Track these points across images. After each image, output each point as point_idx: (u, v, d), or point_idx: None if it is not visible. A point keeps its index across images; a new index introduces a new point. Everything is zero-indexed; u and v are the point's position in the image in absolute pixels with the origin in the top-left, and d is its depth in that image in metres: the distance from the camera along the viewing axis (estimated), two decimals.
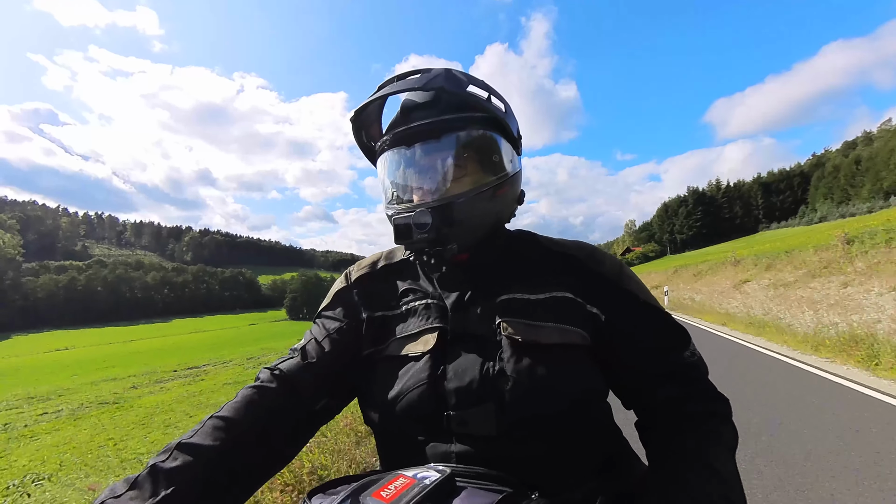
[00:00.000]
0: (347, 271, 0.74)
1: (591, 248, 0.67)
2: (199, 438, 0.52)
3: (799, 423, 3.34)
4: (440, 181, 0.60)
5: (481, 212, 0.61)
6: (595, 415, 0.60)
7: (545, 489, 0.50)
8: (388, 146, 0.63)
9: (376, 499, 0.41)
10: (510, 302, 0.60)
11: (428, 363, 0.58)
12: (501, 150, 0.63)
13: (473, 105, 0.61)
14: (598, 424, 0.61)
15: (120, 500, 0.46)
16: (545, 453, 0.55)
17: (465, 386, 0.55)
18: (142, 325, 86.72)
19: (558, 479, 0.55)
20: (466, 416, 0.54)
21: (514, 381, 0.54)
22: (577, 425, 0.56)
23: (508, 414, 0.53)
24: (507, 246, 0.68)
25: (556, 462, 0.55)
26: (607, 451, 0.62)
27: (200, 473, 0.49)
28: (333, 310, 0.69)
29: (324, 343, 0.64)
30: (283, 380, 0.60)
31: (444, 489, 0.43)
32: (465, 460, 0.54)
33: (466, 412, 0.54)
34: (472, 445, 0.54)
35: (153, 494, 0.46)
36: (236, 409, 0.55)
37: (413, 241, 0.59)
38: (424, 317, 0.63)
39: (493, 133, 0.62)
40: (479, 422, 0.54)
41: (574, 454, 0.56)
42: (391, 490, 0.42)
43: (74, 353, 42.08)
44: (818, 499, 2.26)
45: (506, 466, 0.52)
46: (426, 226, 0.57)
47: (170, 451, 0.50)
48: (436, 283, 0.66)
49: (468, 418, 0.54)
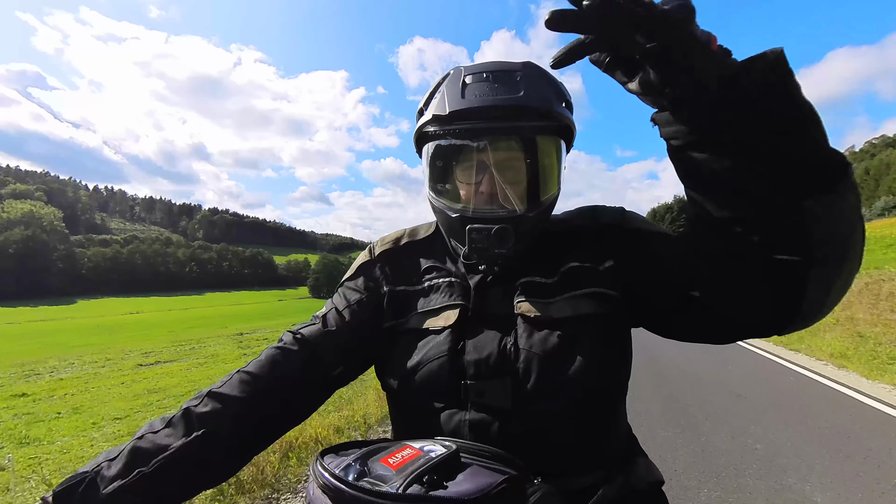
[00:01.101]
0: (371, 245, 0.75)
1: (590, 209, 0.68)
2: (228, 389, 0.57)
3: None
4: (517, 193, 0.59)
5: (541, 225, 0.63)
6: (611, 400, 0.61)
7: (551, 471, 0.52)
8: (460, 136, 0.59)
9: (384, 464, 0.44)
10: (529, 284, 0.62)
11: (449, 337, 0.59)
12: (564, 159, 0.63)
13: (552, 113, 0.59)
14: (613, 413, 0.61)
15: (158, 434, 0.53)
16: (557, 432, 0.55)
17: (484, 359, 0.57)
18: (179, 296, 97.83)
19: (566, 462, 0.55)
20: (483, 386, 0.56)
21: (526, 355, 0.56)
22: (591, 404, 0.57)
23: (523, 387, 0.55)
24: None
25: (567, 444, 0.56)
26: (616, 443, 0.62)
27: (227, 421, 0.55)
28: (355, 281, 0.71)
29: (344, 313, 0.66)
30: (304, 344, 0.63)
31: (449, 464, 0.45)
32: (479, 429, 0.55)
33: (484, 382, 0.56)
34: (487, 416, 0.55)
35: (186, 434, 0.53)
36: (261, 366, 0.60)
37: (488, 254, 0.59)
38: (447, 293, 0.64)
39: (563, 142, 0.62)
40: (495, 393, 0.55)
41: (585, 437, 0.57)
42: (398, 458, 0.44)
43: (147, 316, 48.97)
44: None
45: (516, 443, 0.53)
46: (507, 245, 0.58)
47: (202, 398, 0.56)
48: (460, 262, 0.67)
49: (485, 388, 0.56)
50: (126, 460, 0.50)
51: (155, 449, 0.51)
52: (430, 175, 0.65)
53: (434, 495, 0.39)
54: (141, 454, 0.51)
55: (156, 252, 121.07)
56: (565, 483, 0.52)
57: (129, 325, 33.21)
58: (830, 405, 3.92)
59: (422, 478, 0.41)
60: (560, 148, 0.61)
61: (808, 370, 5.18)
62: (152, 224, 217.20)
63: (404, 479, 0.41)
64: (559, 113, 0.59)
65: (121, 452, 0.51)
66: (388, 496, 0.39)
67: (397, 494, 0.39)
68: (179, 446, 0.52)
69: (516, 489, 0.44)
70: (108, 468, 0.50)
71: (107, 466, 0.50)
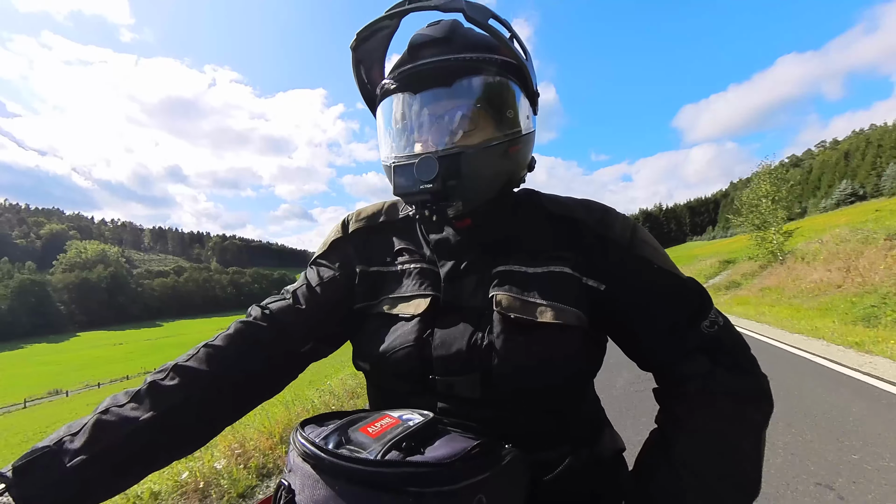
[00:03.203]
0: (346, 220, 0.71)
1: (601, 210, 0.62)
2: (194, 363, 0.56)
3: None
4: (449, 131, 0.54)
5: (491, 169, 0.56)
6: (579, 391, 0.61)
7: (521, 448, 0.50)
8: (392, 90, 0.57)
9: (363, 433, 0.44)
10: (506, 274, 0.58)
11: (416, 326, 0.57)
12: (518, 103, 0.57)
13: (492, 46, 0.56)
14: (581, 397, 0.61)
15: (123, 408, 0.51)
16: (527, 423, 0.55)
17: (452, 355, 0.55)
18: (229, 315, 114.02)
19: (533, 441, 0.55)
20: (452, 381, 0.55)
21: (501, 357, 0.53)
22: (562, 400, 0.57)
23: (493, 387, 0.54)
24: (511, 212, 0.64)
25: (536, 431, 0.56)
26: (584, 420, 0.62)
27: (193, 394, 0.54)
28: (328, 258, 0.68)
29: (316, 289, 0.65)
30: (271, 319, 0.62)
31: (427, 431, 0.46)
32: (448, 416, 0.55)
33: (452, 378, 0.55)
34: (456, 406, 0.55)
35: (152, 408, 0.52)
36: (228, 339, 0.59)
37: (416, 191, 0.54)
38: (418, 281, 0.61)
39: (511, 82, 0.56)
40: (464, 387, 0.55)
41: (555, 425, 0.57)
42: (377, 427, 0.45)
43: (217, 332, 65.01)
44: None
45: (485, 427, 0.53)
46: (431, 175, 0.52)
47: (167, 371, 0.55)
48: (433, 248, 0.63)
49: (454, 383, 0.55)
50: (90, 434, 0.48)
51: (120, 421, 0.50)
52: (379, 143, 0.61)
53: (410, 460, 0.41)
54: (105, 427, 0.49)
55: (205, 279, 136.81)
56: (532, 457, 0.52)
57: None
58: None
59: (400, 444, 0.42)
60: (501, 84, 0.55)
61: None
62: (162, 252, 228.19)
63: (383, 446, 0.41)
64: (488, 51, 0.55)
65: (84, 426, 0.49)
66: (367, 462, 0.39)
67: (375, 461, 0.40)
68: (146, 419, 0.51)
69: (488, 453, 0.45)
70: (70, 441, 0.48)
71: (69, 440, 0.48)
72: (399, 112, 0.58)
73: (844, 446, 2.65)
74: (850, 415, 3.15)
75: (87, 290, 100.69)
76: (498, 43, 0.55)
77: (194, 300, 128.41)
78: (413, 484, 0.39)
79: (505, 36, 0.55)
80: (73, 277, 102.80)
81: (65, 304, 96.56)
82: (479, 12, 0.52)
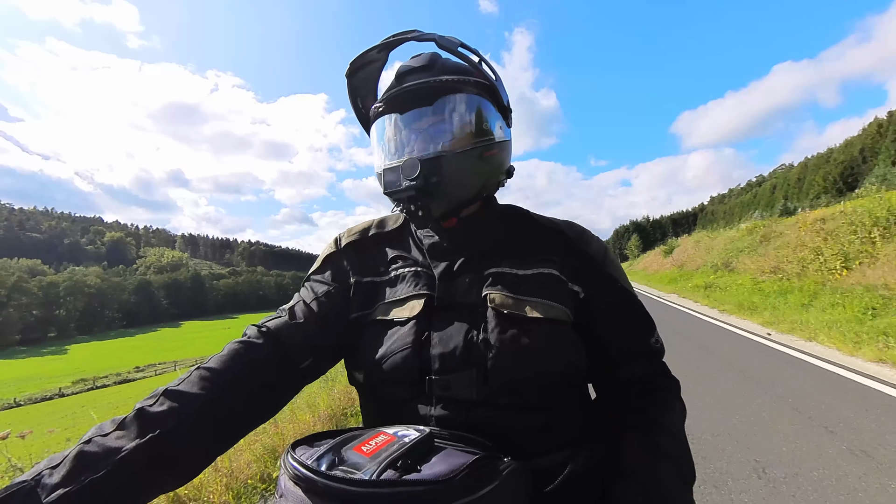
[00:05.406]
0: (338, 237, 0.74)
1: (580, 229, 0.69)
2: (186, 387, 0.53)
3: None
4: (431, 140, 0.61)
5: (468, 169, 0.61)
6: (574, 388, 0.62)
7: (516, 455, 0.50)
8: (382, 112, 0.63)
9: (357, 452, 0.43)
10: (498, 275, 0.62)
11: (413, 328, 0.59)
12: (490, 115, 0.64)
13: (467, 71, 0.64)
14: (577, 397, 0.63)
15: (108, 437, 0.48)
16: (523, 422, 0.56)
17: (449, 352, 0.57)
18: None
19: (533, 446, 0.56)
20: (449, 379, 0.56)
21: (497, 351, 0.56)
22: (556, 396, 0.59)
23: (490, 382, 0.55)
24: (497, 219, 0.69)
25: (533, 431, 0.57)
26: (583, 423, 0.63)
27: (185, 420, 0.51)
28: (322, 274, 0.70)
29: (311, 305, 0.65)
30: (268, 337, 0.61)
31: (423, 447, 0.45)
32: (444, 424, 0.55)
33: (449, 376, 0.56)
34: (452, 410, 0.56)
35: (139, 436, 0.48)
36: (222, 361, 0.57)
37: (401, 188, 0.60)
38: (412, 283, 0.64)
39: (483, 98, 0.63)
40: (460, 386, 0.55)
41: (551, 424, 0.58)
42: (372, 445, 0.44)
43: None
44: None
45: (483, 432, 0.53)
46: (414, 174, 0.58)
47: (157, 397, 0.52)
48: (425, 252, 0.67)
49: (451, 382, 0.56)
50: (71, 466, 0.45)
51: (104, 452, 0.46)
52: (373, 157, 0.67)
53: (407, 479, 0.39)
54: (88, 459, 0.46)
55: (257, 280, 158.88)
56: (531, 464, 0.52)
57: None
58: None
59: (395, 463, 0.41)
60: (475, 100, 0.62)
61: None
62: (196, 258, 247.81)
63: (378, 465, 0.40)
64: (464, 74, 0.63)
65: (65, 458, 0.45)
66: (361, 483, 0.38)
67: (370, 481, 0.38)
68: (132, 448, 0.47)
69: (487, 467, 0.44)
70: (49, 476, 0.44)
71: (48, 474, 0.44)
72: (390, 129, 0.63)
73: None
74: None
75: (177, 288, 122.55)
76: (470, 67, 0.65)
77: (249, 299, 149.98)
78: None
79: (475, 60, 0.65)
80: (167, 278, 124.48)
81: (163, 300, 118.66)
82: (449, 42, 0.62)
